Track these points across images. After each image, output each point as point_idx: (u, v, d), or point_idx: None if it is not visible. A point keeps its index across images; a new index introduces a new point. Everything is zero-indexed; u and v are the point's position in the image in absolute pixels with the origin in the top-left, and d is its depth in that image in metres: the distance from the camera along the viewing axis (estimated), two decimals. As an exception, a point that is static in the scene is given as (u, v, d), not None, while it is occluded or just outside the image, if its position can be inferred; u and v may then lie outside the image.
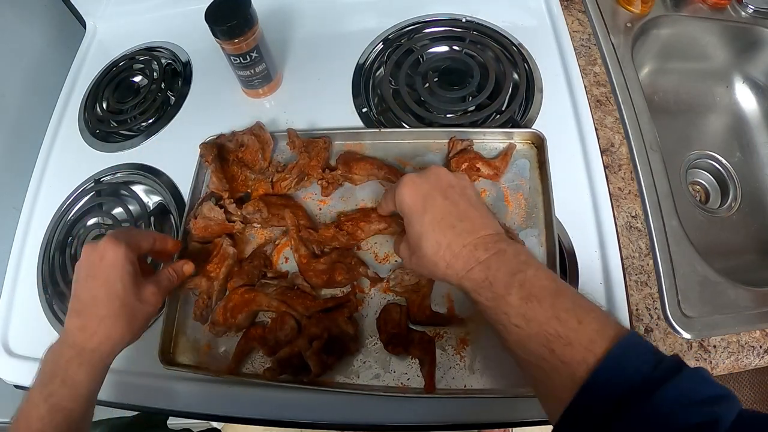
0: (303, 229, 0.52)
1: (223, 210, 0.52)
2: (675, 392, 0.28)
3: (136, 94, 0.71)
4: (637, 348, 0.31)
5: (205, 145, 0.57)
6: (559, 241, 0.49)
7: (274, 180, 0.55)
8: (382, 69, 0.65)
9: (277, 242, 0.54)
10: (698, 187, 0.73)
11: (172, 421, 0.85)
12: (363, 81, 0.65)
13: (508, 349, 0.35)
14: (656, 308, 0.50)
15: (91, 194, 0.64)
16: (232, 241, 0.53)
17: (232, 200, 0.53)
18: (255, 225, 0.54)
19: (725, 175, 0.71)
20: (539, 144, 0.54)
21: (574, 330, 0.31)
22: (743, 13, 0.69)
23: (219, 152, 0.57)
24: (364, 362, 0.47)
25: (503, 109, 0.60)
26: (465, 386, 0.46)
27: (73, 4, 0.77)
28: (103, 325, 0.40)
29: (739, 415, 0.27)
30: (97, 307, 0.41)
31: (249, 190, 0.56)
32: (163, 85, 0.71)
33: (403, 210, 0.40)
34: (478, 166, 0.53)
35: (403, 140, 0.57)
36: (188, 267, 0.49)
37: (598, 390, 0.29)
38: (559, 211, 0.51)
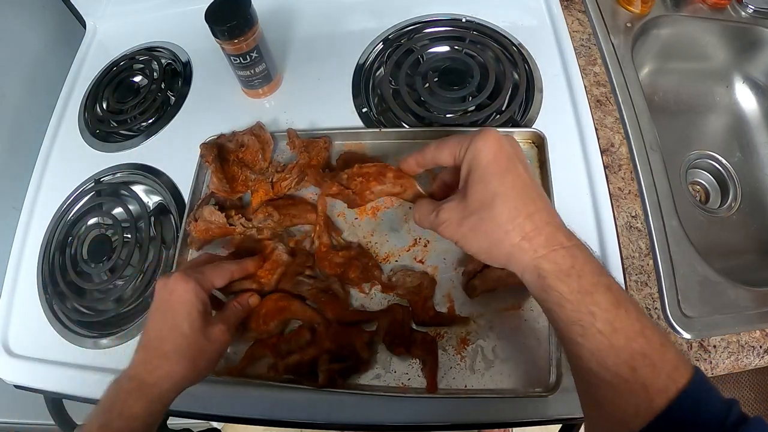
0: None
1: (224, 214, 0.52)
2: None
3: (136, 94, 0.71)
4: (708, 387, 0.28)
5: (205, 146, 0.57)
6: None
7: (274, 180, 0.55)
8: (382, 69, 0.65)
9: (312, 236, 0.53)
10: (698, 187, 0.73)
11: (172, 421, 0.84)
12: (363, 81, 0.65)
13: (576, 357, 0.31)
14: (656, 308, 0.50)
15: (91, 194, 0.64)
16: (287, 248, 0.51)
17: (241, 215, 0.53)
18: (251, 229, 0.54)
19: (725, 175, 0.71)
20: (540, 143, 0.54)
21: (658, 351, 0.28)
22: (743, 13, 0.69)
23: (219, 152, 0.57)
24: (365, 362, 0.47)
25: (503, 109, 0.60)
26: (465, 386, 0.46)
27: (73, 4, 0.77)
28: (166, 361, 0.40)
29: None
30: (161, 343, 0.40)
31: (249, 191, 0.56)
32: (163, 85, 0.71)
33: (479, 162, 0.34)
34: (478, 166, 0.53)
35: (403, 140, 0.57)
36: (254, 299, 0.48)
37: (672, 424, 0.27)
38: (559, 211, 0.50)
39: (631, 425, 0.28)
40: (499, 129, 0.55)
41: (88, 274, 0.60)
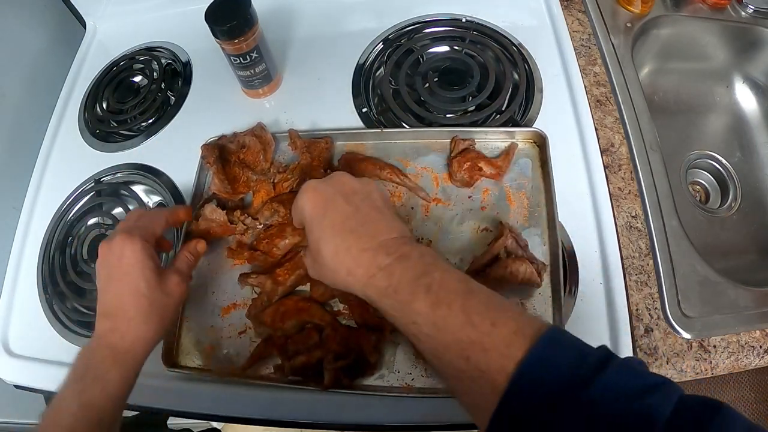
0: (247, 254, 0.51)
1: (225, 212, 0.52)
2: (602, 390, 0.26)
3: (136, 94, 0.71)
4: (559, 345, 0.28)
5: (206, 147, 0.57)
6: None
7: (275, 181, 0.55)
8: (382, 69, 0.65)
9: None
10: (698, 187, 0.73)
11: (172, 421, 0.84)
12: (363, 81, 0.65)
13: (427, 360, 0.33)
14: (656, 308, 0.50)
15: (91, 194, 0.64)
16: None
17: (247, 215, 0.53)
18: (258, 226, 0.54)
19: (725, 175, 0.71)
20: (541, 143, 0.54)
21: (488, 334, 0.29)
22: (743, 13, 0.69)
23: (220, 153, 0.57)
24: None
25: (503, 109, 0.60)
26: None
27: (73, 4, 0.77)
28: (134, 325, 0.40)
29: (679, 401, 0.25)
30: (124, 309, 0.40)
31: (251, 191, 0.56)
32: (163, 85, 0.71)
33: (304, 216, 0.38)
34: (480, 165, 0.53)
35: (404, 140, 0.57)
36: (201, 245, 0.49)
37: (520, 397, 0.27)
38: (560, 211, 0.51)
39: (487, 409, 0.28)
40: (500, 128, 0.56)
41: (88, 274, 0.60)
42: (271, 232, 0.52)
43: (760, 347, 0.48)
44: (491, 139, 0.56)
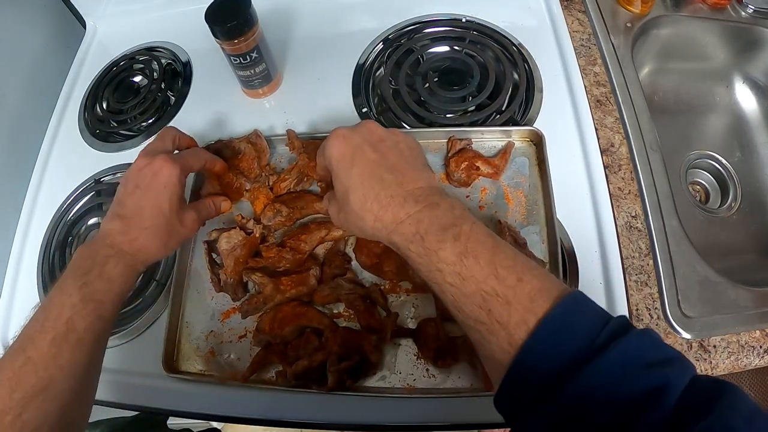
0: (251, 261, 0.51)
1: (239, 228, 0.51)
2: (621, 356, 0.26)
3: (136, 94, 0.71)
4: (582, 308, 0.29)
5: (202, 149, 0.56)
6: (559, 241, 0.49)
7: (272, 183, 0.55)
8: (382, 69, 0.65)
9: (348, 239, 0.53)
10: (698, 187, 0.73)
11: (172, 421, 0.85)
12: (363, 81, 0.65)
13: (448, 311, 0.33)
14: (656, 308, 0.50)
15: (91, 194, 0.64)
16: (320, 275, 0.51)
17: (247, 218, 0.52)
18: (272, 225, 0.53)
19: (725, 175, 0.71)
20: (538, 141, 0.54)
21: (512, 288, 0.29)
22: (743, 13, 0.69)
23: (218, 152, 0.56)
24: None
25: (503, 109, 0.60)
26: (471, 385, 0.46)
27: (73, 4, 0.77)
28: (144, 235, 0.42)
29: (693, 380, 0.26)
30: (141, 218, 0.42)
31: (248, 200, 0.55)
32: (163, 85, 0.71)
33: (331, 163, 0.38)
34: (477, 164, 0.53)
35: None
36: (226, 204, 0.52)
37: (538, 354, 0.27)
38: (559, 211, 0.51)
39: (503, 364, 0.28)
40: (497, 127, 0.56)
41: (88, 274, 0.60)
42: (296, 231, 0.52)
43: (760, 347, 0.48)
44: (488, 139, 0.56)
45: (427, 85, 0.62)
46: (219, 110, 0.66)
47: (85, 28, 0.81)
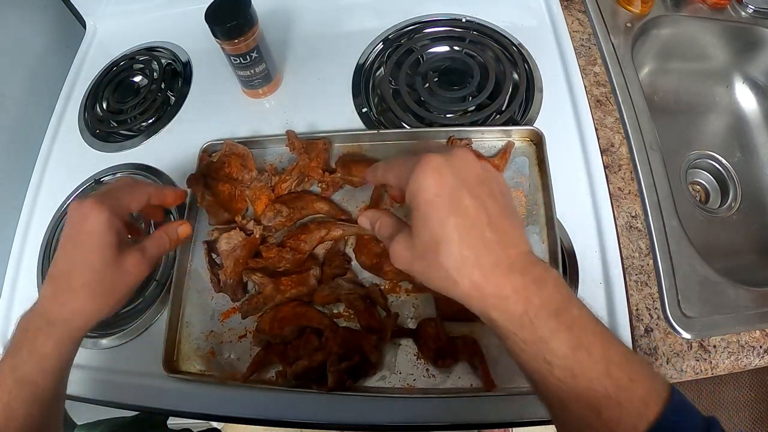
0: (251, 261, 0.50)
1: (239, 229, 0.51)
2: None
3: (136, 94, 0.71)
4: (686, 411, 0.27)
5: (192, 179, 0.55)
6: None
7: (273, 184, 0.55)
8: (382, 69, 0.65)
9: (348, 239, 0.53)
10: (698, 187, 0.73)
11: (172, 421, 0.85)
12: (363, 81, 0.65)
13: (542, 399, 0.30)
14: (656, 308, 0.50)
15: (91, 194, 0.64)
16: (320, 275, 0.51)
17: (248, 219, 0.52)
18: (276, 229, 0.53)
19: (725, 175, 0.71)
20: (538, 141, 0.54)
21: (625, 389, 0.27)
22: (743, 13, 0.69)
23: (207, 175, 0.56)
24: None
25: (503, 109, 0.60)
26: (471, 385, 0.46)
27: (73, 4, 0.77)
28: (76, 296, 0.37)
29: None
30: (70, 278, 0.38)
31: (251, 205, 0.55)
32: (163, 85, 0.71)
33: (418, 201, 0.31)
34: (477, 165, 0.53)
35: (401, 141, 0.57)
36: (184, 228, 0.44)
37: None
38: (559, 211, 0.51)
39: None
40: (497, 127, 0.56)
41: (88, 274, 0.60)
42: (296, 231, 0.52)
43: (760, 347, 0.48)
44: (488, 138, 0.56)
45: (427, 85, 0.62)
46: (219, 110, 0.66)
47: (85, 28, 0.81)
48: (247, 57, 0.59)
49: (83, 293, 0.38)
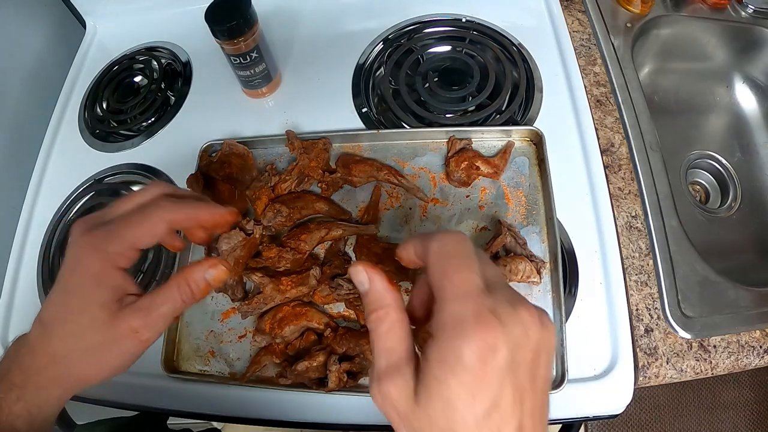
0: (251, 261, 0.50)
1: (239, 229, 0.51)
2: None
3: (136, 94, 0.71)
4: None
5: (192, 179, 0.55)
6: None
7: (273, 184, 0.55)
8: (382, 69, 0.65)
9: (348, 239, 0.53)
10: (698, 187, 0.73)
11: (172, 421, 0.84)
12: (363, 81, 0.65)
13: None
14: (656, 308, 0.50)
15: (91, 194, 0.64)
16: (321, 275, 0.50)
17: (249, 219, 0.52)
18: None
19: (725, 175, 0.71)
20: (538, 141, 0.54)
21: None
22: (743, 13, 0.69)
23: (207, 173, 0.56)
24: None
25: (503, 109, 0.60)
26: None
27: (73, 4, 0.77)
28: (57, 364, 0.30)
29: None
30: (53, 337, 0.30)
31: (251, 205, 0.55)
32: (163, 85, 0.71)
33: (449, 371, 0.23)
34: (477, 164, 0.53)
35: (401, 141, 0.57)
36: (218, 273, 0.32)
37: None
38: (559, 211, 0.51)
39: None
40: (497, 127, 0.56)
41: (88, 274, 0.60)
42: (296, 231, 0.52)
43: (760, 347, 0.48)
44: (488, 138, 0.56)
45: (427, 85, 0.62)
46: (219, 110, 0.66)
47: (85, 28, 0.81)
48: (247, 57, 0.59)
49: (67, 360, 0.30)
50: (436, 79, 0.62)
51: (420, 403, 0.23)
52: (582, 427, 0.48)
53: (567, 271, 0.50)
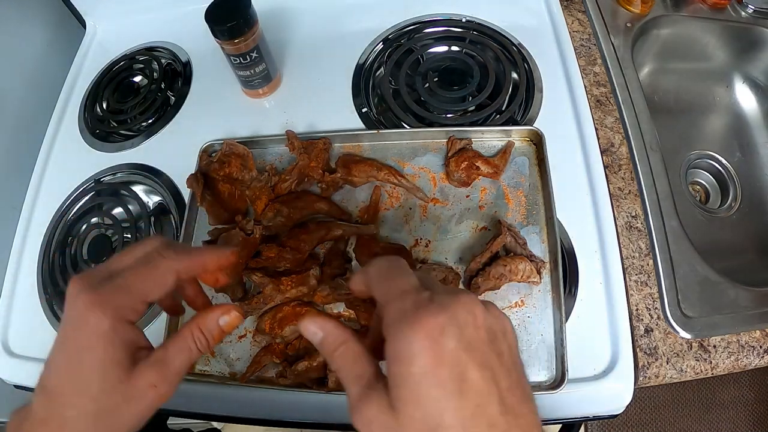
0: (251, 261, 0.50)
1: (239, 229, 0.51)
2: None
3: (136, 94, 0.71)
4: None
5: (191, 179, 0.55)
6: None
7: (273, 184, 0.55)
8: (382, 69, 0.65)
9: (348, 239, 0.53)
10: (698, 187, 0.73)
11: (172, 421, 0.84)
12: (363, 81, 0.65)
13: None
14: (656, 308, 0.50)
15: (91, 194, 0.64)
16: (320, 275, 0.50)
17: (249, 219, 0.52)
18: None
19: (725, 175, 0.71)
20: (538, 141, 0.54)
21: None
22: (743, 13, 0.69)
23: (207, 173, 0.56)
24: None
25: (503, 109, 0.60)
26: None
27: (73, 4, 0.77)
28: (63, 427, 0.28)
29: None
30: (64, 404, 0.28)
31: (251, 205, 0.55)
32: (163, 85, 0.71)
33: (407, 374, 0.23)
34: (477, 164, 0.53)
35: (401, 141, 0.57)
36: (231, 320, 0.31)
37: None
38: (559, 211, 0.51)
39: None
40: (497, 127, 0.56)
41: (88, 274, 0.60)
42: (295, 231, 0.52)
43: (760, 347, 0.48)
44: (488, 138, 0.56)
45: (427, 85, 0.62)
46: (219, 110, 0.66)
47: (85, 28, 0.81)
48: (247, 57, 0.59)
49: (80, 425, 0.28)
50: (436, 79, 0.62)
51: (397, 407, 0.23)
52: (582, 427, 0.48)
53: (567, 271, 0.50)
